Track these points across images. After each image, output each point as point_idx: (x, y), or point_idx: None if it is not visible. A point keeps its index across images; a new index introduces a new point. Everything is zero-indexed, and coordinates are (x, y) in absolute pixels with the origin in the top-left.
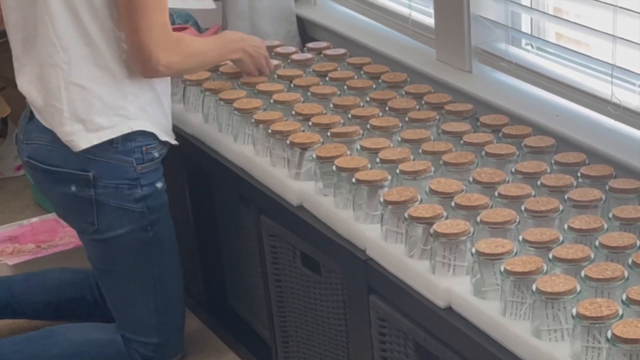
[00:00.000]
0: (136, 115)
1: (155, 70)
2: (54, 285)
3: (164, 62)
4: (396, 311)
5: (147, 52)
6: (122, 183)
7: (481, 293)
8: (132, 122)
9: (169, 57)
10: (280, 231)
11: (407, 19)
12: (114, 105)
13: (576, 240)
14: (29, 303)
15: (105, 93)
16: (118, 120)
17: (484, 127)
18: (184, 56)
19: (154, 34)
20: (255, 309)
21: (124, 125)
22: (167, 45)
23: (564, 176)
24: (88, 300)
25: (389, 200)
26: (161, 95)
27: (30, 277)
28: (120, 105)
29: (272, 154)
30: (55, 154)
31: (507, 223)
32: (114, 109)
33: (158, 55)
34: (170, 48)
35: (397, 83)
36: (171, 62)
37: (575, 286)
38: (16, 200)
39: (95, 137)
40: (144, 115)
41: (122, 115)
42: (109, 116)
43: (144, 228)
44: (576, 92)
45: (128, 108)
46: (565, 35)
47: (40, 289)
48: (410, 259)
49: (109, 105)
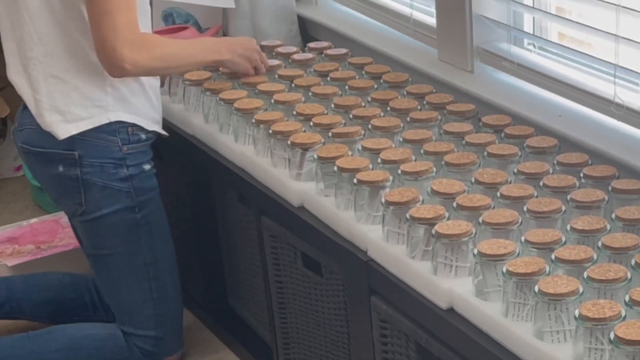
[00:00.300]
0: (115, 107)
1: (120, 68)
2: (54, 285)
3: (129, 60)
4: (398, 312)
5: (111, 49)
6: (107, 162)
7: (483, 294)
8: (110, 114)
9: (135, 55)
10: (281, 232)
11: (409, 19)
12: (93, 97)
13: (579, 241)
14: (27, 302)
15: (84, 85)
16: (96, 112)
17: (486, 128)
18: (151, 55)
19: (119, 33)
20: (255, 310)
21: (102, 116)
22: (133, 42)
23: (566, 177)
24: (86, 303)
25: (391, 200)
26: (146, 86)
27: (30, 277)
28: (98, 97)
29: (273, 154)
30: (44, 136)
31: (510, 224)
32: (93, 100)
33: (123, 52)
34: (135, 46)
35: (398, 83)
36: (137, 60)
37: (578, 287)
38: (15, 201)
39: (73, 127)
40: (124, 106)
41: (100, 106)
42: (87, 108)
43: (132, 209)
44: (579, 92)
45: (106, 100)
46: (568, 35)
47: (39, 289)
48: (411, 260)
49: (87, 97)
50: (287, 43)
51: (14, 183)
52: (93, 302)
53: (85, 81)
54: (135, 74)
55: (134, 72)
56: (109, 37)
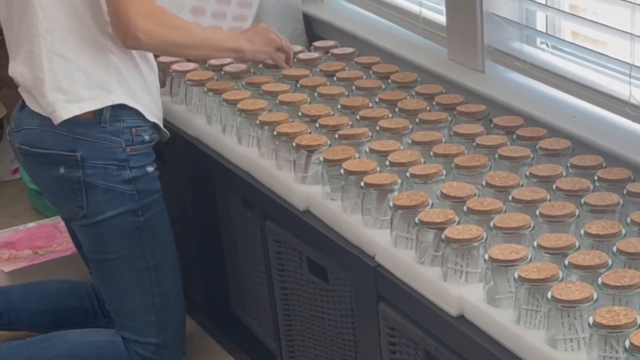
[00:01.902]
0: (118, 90)
1: (134, 37)
2: (53, 294)
3: (143, 29)
4: (406, 320)
5: (125, 18)
6: (110, 164)
7: (494, 301)
8: (114, 96)
9: (149, 24)
10: (286, 237)
11: (418, 17)
12: (97, 78)
13: (593, 246)
14: (26, 312)
15: (88, 65)
16: (100, 93)
17: (498, 129)
18: (165, 27)
19: (134, 1)
20: (259, 318)
21: (105, 98)
22: (147, 12)
23: (580, 180)
24: (87, 310)
25: (399, 204)
26: (147, 78)
27: (28, 286)
28: (103, 79)
29: (278, 156)
30: (45, 137)
31: (522, 228)
32: (96, 81)
33: (137, 21)
34: (150, 16)
35: (407, 83)
36: (151, 30)
37: (592, 294)
38: (12, 205)
39: (76, 108)
40: (127, 90)
41: (104, 88)
42: (91, 88)
43: (135, 212)
44: (593, 93)
45: (110, 82)
46: (582, 34)
47: (38, 298)
48: (420, 265)
49: (91, 77)
50: (292, 42)
51: (10, 186)
52: (94, 309)
53: (90, 61)
54: (150, 45)
55: (148, 43)
56: (123, 5)
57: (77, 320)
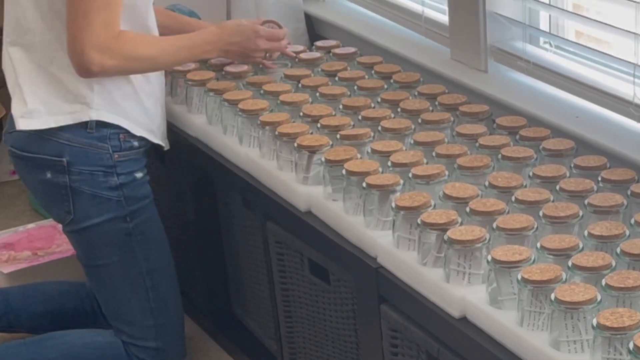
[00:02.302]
0: (100, 106)
1: (87, 70)
2: (53, 295)
3: (97, 63)
4: (408, 321)
5: (79, 50)
6: (96, 170)
7: (497, 302)
8: (93, 112)
9: (103, 59)
10: (288, 238)
11: (420, 16)
12: (76, 92)
13: (597, 247)
14: (26, 313)
15: (68, 79)
16: (79, 108)
17: (500, 129)
18: (122, 59)
19: (90, 33)
20: (260, 319)
21: (83, 113)
22: (104, 46)
23: (583, 180)
24: (87, 311)
25: (401, 205)
26: (139, 92)
27: (28, 288)
28: (82, 93)
29: (279, 157)
30: (32, 141)
31: (525, 229)
32: (76, 95)
33: (90, 55)
34: (105, 51)
35: (409, 83)
36: (105, 64)
37: (596, 295)
38: (12, 206)
39: (53, 121)
40: (110, 106)
41: (83, 103)
42: (70, 102)
43: (123, 218)
44: (597, 93)
45: (91, 97)
46: (585, 33)
47: (38, 300)
48: (423, 267)
49: (70, 91)
50: (293, 42)
51: (10, 187)
52: (93, 310)
53: (71, 75)
54: (105, 76)
55: (103, 75)
56: (79, 38)
57: (76, 322)
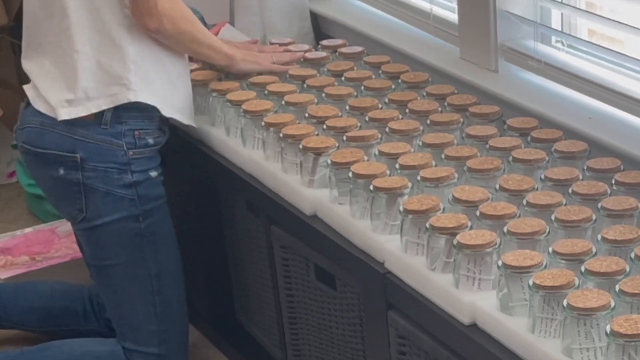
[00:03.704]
0: (137, 86)
1: (158, 20)
2: (45, 292)
3: (168, 9)
4: (417, 328)
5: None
6: (110, 167)
7: (508, 309)
8: (131, 93)
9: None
10: (293, 242)
11: (429, 15)
12: (114, 73)
13: (610, 252)
14: (15, 308)
15: (106, 60)
16: (117, 89)
17: (511, 131)
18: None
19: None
20: (265, 326)
21: (122, 95)
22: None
23: (597, 183)
24: (77, 311)
25: (409, 209)
26: (171, 71)
27: (22, 283)
28: (120, 74)
29: (284, 159)
30: (46, 136)
31: (536, 234)
32: (114, 77)
33: (164, 3)
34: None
35: (417, 83)
36: (174, 16)
37: (610, 301)
38: (9, 209)
39: (94, 106)
40: (147, 87)
41: (122, 84)
42: (109, 85)
43: (135, 218)
44: (610, 93)
45: (129, 78)
46: (599, 32)
47: (29, 295)
48: (432, 272)
49: (109, 72)
50: (298, 41)
51: (7, 190)
52: (85, 311)
53: (107, 56)
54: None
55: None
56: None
57: (66, 321)
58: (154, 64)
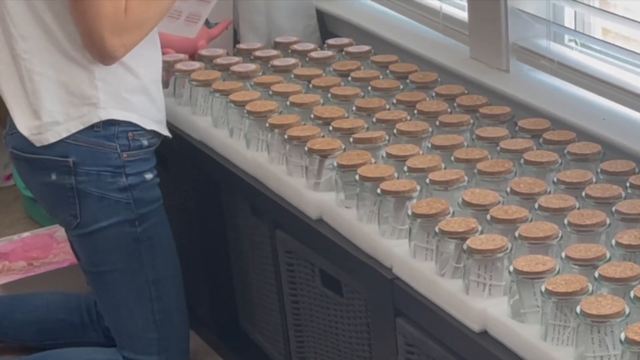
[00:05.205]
0: (107, 104)
1: (112, 57)
2: (41, 305)
3: (120, 46)
4: (426, 336)
5: (98, 40)
6: (104, 170)
7: (520, 315)
8: (102, 111)
9: (124, 39)
10: (298, 247)
11: (438, 13)
12: (81, 93)
13: (625, 257)
14: (11, 322)
15: (71, 81)
16: (87, 110)
17: (523, 132)
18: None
19: (104, 20)
20: (269, 333)
21: (92, 115)
22: (120, 27)
23: (611, 186)
24: (75, 323)
25: (418, 213)
26: (146, 81)
27: (17, 297)
28: (87, 94)
29: (289, 161)
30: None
31: (549, 238)
32: (81, 98)
33: (112, 42)
34: (123, 29)
35: (426, 83)
36: (127, 43)
37: (624, 308)
38: (6, 213)
39: (64, 130)
40: (117, 102)
41: (90, 104)
42: (77, 106)
43: (131, 222)
44: (625, 94)
45: (97, 96)
46: (613, 31)
47: (24, 309)
48: (441, 278)
49: (74, 93)
50: (304, 40)
51: (4, 193)
52: (83, 322)
53: (71, 77)
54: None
55: (126, 54)
56: (94, 29)
57: (63, 334)
58: (123, 78)
